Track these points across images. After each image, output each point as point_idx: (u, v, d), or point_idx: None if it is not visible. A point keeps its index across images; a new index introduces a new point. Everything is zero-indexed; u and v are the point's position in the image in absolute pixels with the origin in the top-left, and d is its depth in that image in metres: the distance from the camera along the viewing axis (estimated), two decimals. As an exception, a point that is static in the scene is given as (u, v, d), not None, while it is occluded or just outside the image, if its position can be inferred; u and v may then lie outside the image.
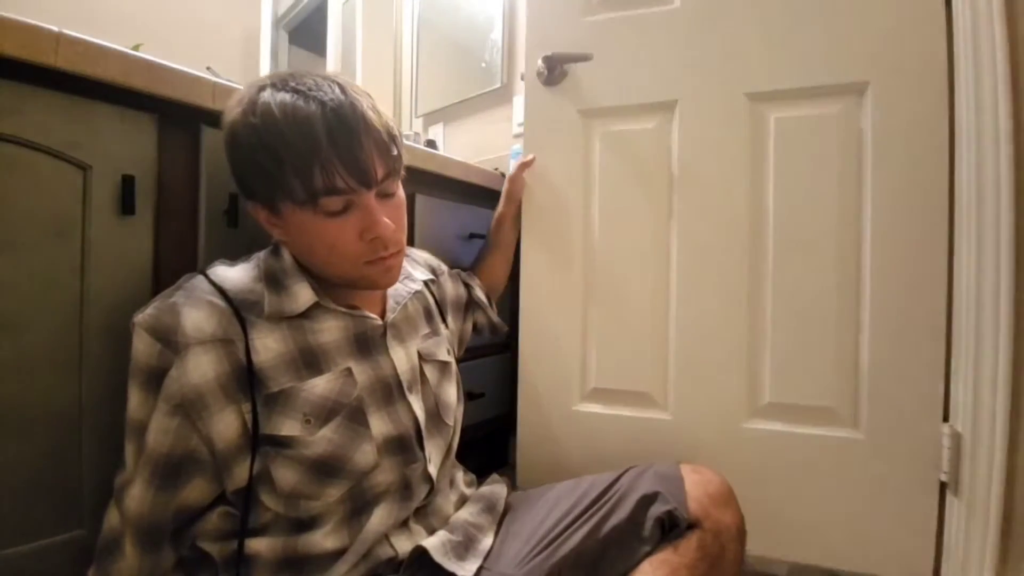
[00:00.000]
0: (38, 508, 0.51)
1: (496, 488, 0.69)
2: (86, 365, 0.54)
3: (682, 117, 0.86)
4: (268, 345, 0.51)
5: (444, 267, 0.82)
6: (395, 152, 0.54)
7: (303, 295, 0.54)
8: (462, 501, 0.66)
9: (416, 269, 0.72)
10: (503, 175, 1.13)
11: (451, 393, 0.67)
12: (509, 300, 1.04)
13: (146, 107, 0.58)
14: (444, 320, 0.74)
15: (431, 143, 1.59)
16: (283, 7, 1.98)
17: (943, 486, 0.75)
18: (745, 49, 0.83)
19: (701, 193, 0.85)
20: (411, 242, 0.87)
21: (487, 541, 0.60)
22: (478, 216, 1.06)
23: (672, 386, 0.86)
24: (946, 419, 0.75)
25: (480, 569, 0.55)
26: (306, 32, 1.98)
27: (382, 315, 0.61)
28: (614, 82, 0.90)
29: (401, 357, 0.60)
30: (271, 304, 0.52)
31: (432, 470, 0.60)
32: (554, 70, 0.93)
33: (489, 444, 0.89)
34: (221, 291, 0.51)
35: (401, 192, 0.57)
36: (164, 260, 0.60)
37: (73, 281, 0.53)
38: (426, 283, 0.72)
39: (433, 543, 0.54)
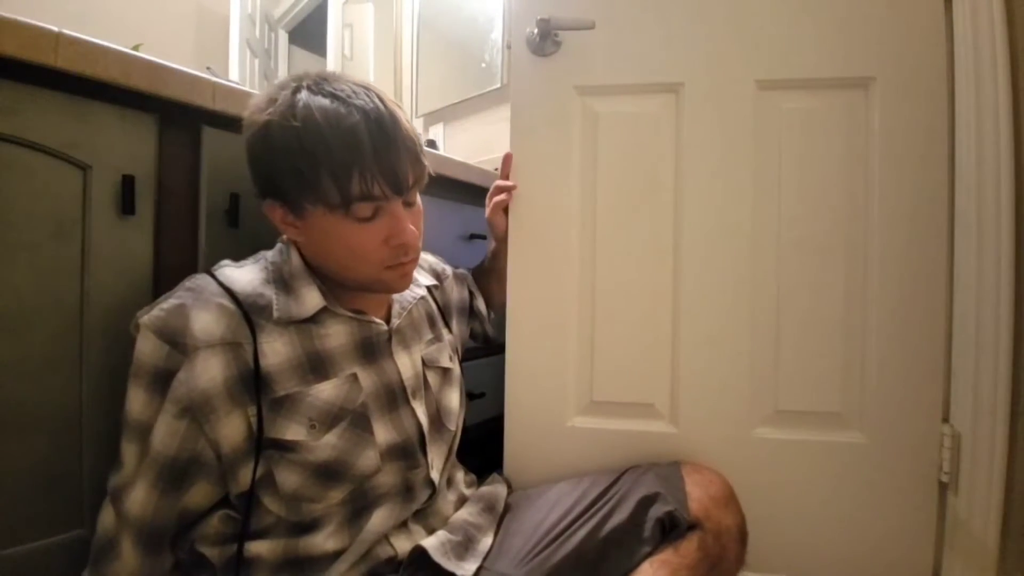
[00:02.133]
0: (38, 508, 0.51)
1: (496, 488, 0.69)
2: (86, 365, 0.54)
3: (688, 102, 0.80)
4: (276, 349, 0.51)
5: (448, 269, 0.81)
6: (424, 162, 0.55)
7: (311, 299, 0.54)
8: (462, 501, 0.66)
9: (420, 274, 0.72)
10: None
11: (453, 399, 0.67)
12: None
13: (146, 107, 0.58)
14: (448, 325, 0.74)
15: (431, 143, 1.59)
16: (283, 7, 1.97)
17: (943, 486, 0.75)
18: (756, 32, 0.78)
19: (707, 186, 0.79)
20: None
21: (487, 541, 0.60)
22: (478, 216, 1.05)
23: (678, 396, 0.80)
24: (946, 419, 0.75)
25: (480, 569, 0.55)
26: (306, 32, 1.98)
27: (387, 320, 0.61)
28: (616, 57, 0.81)
29: (406, 363, 0.60)
30: (280, 308, 0.52)
31: (435, 475, 0.60)
32: (547, 38, 0.81)
33: (489, 444, 0.89)
34: (230, 293, 0.51)
35: (419, 200, 0.58)
36: (164, 260, 0.60)
37: (73, 281, 0.53)
38: (429, 289, 0.72)
39: (432, 543, 0.54)
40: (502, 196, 0.82)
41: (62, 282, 0.52)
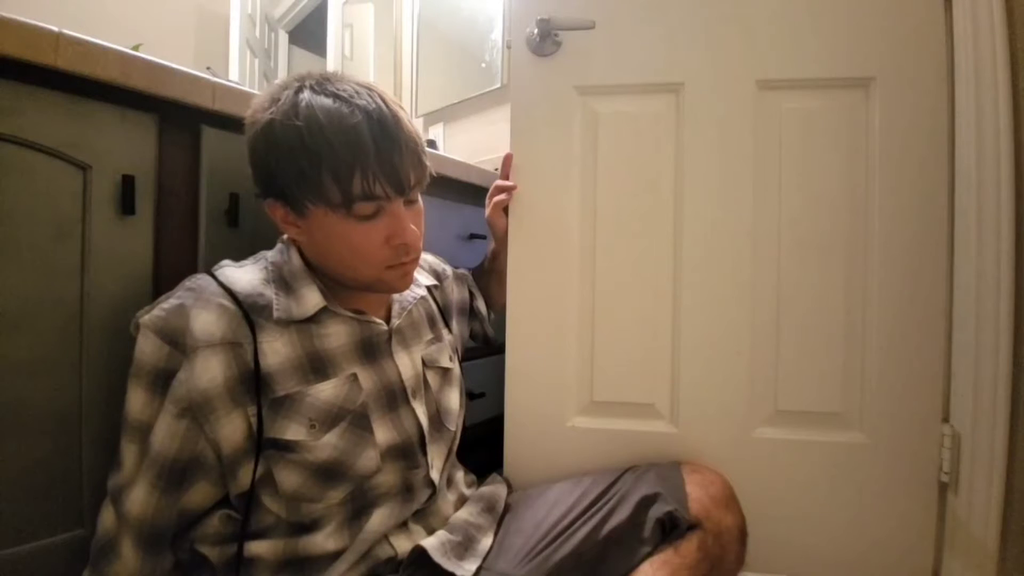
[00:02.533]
0: (38, 508, 0.51)
1: (496, 488, 0.69)
2: (86, 365, 0.54)
3: (689, 101, 0.80)
4: (277, 349, 0.51)
5: (448, 269, 0.81)
6: (425, 162, 0.55)
7: (311, 299, 0.54)
8: (461, 501, 0.66)
9: (421, 274, 0.72)
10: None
11: (453, 399, 0.67)
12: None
13: (146, 107, 0.58)
14: (448, 325, 0.74)
15: (431, 143, 1.59)
16: (283, 7, 1.97)
17: (943, 486, 0.75)
18: (757, 32, 0.78)
19: (707, 186, 0.79)
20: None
21: (486, 541, 0.60)
22: (478, 216, 1.05)
23: (678, 396, 0.80)
24: (946, 419, 0.75)
25: (479, 569, 0.55)
26: (306, 32, 1.98)
27: (387, 320, 0.61)
28: (616, 57, 0.81)
29: (406, 363, 0.60)
30: (280, 308, 0.52)
31: (435, 475, 0.60)
32: (547, 38, 0.81)
33: (489, 444, 0.89)
34: (230, 293, 0.51)
35: (421, 200, 0.58)
36: (164, 260, 0.60)
37: (73, 281, 0.53)
38: (429, 289, 0.72)
39: (432, 543, 0.54)
40: (502, 196, 0.82)
41: (62, 282, 0.52)
